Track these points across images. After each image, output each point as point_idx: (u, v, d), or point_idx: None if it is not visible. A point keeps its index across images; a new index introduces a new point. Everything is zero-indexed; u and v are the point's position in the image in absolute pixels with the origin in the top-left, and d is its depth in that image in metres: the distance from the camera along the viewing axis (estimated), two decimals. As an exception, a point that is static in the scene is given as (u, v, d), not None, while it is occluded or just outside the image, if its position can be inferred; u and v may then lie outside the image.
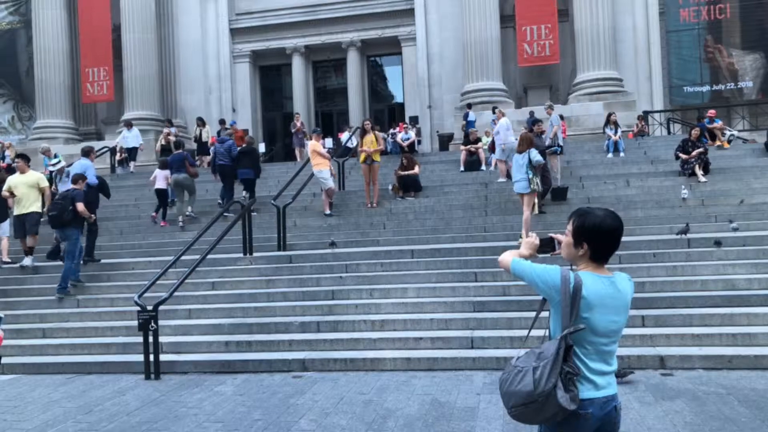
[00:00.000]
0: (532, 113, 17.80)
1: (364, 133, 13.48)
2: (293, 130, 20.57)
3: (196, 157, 18.39)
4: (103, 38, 23.12)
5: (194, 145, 19.57)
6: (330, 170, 13.37)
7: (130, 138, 19.18)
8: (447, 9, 22.55)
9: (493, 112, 18.24)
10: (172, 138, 17.90)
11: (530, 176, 9.93)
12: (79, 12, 23.50)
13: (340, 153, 17.19)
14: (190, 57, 24.60)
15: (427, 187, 14.23)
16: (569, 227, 2.45)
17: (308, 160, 13.70)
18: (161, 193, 13.77)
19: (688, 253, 9.05)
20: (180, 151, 14.09)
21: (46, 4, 23.01)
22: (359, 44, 24.23)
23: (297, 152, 20.54)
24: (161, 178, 13.73)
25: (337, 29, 24.10)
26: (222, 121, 20.30)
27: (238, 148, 14.19)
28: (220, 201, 14.13)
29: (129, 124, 19.78)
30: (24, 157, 11.66)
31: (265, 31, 24.69)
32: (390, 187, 14.16)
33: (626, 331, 7.01)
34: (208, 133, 19.12)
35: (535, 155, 10.02)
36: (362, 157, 13.26)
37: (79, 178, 10.51)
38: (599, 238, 2.38)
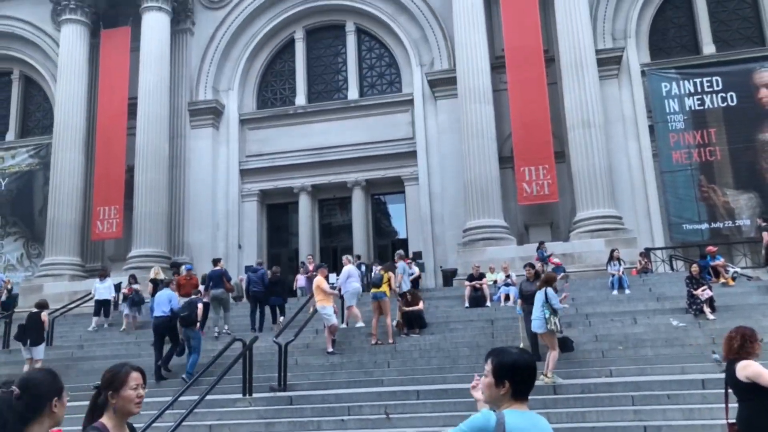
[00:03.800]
0: (542, 243, 18.48)
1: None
2: (306, 275, 19.15)
3: None
4: (116, 178, 23.97)
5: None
6: (333, 307, 13.28)
7: (101, 289, 17.38)
8: (447, 150, 23.49)
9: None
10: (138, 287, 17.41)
11: (546, 315, 9.83)
12: (96, 155, 24.57)
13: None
14: (199, 196, 25.33)
15: (431, 324, 14.05)
16: (488, 367, 2.58)
17: (311, 296, 13.69)
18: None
19: (703, 394, 8.72)
20: (218, 268, 15.12)
21: (66, 147, 24.11)
22: (364, 183, 25.07)
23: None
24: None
25: (343, 170, 25.04)
26: (217, 261, 17.50)
27: (269, 279, 15.68)
28: (252, 328, 14.88)
29: (103, 274, 18.31)
30: None
31: (273, 172, 25.67)
32: (394, 324, 13.99)
33: (646, 481, 6.62)
34: None
35: (552, 296, 9.95)
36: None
37: (199, 291, 13.68)
38: (519, 374, 2.54)
